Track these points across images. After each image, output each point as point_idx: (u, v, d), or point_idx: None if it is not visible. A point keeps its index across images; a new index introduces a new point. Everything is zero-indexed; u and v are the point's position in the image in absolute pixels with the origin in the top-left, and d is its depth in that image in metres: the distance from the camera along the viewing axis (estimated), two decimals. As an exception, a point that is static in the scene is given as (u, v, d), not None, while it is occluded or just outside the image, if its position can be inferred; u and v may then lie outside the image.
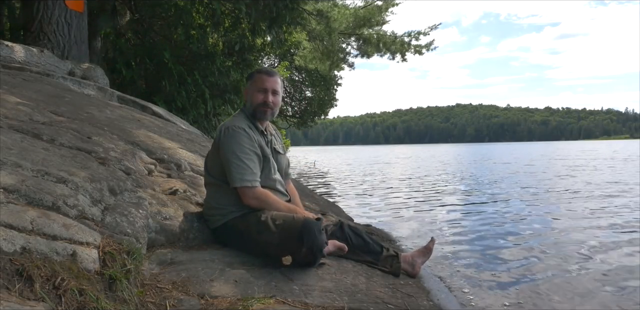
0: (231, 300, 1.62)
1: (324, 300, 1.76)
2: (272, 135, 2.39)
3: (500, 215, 5.48)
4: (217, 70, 9.44)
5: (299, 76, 23.19)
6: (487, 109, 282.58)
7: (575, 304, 2.48)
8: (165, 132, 3.99)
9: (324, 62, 17.66)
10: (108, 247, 1.54)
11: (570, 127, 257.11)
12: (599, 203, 6.27)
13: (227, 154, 2.12)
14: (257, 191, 2.12)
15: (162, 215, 2.11)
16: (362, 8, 16.49)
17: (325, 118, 25.89)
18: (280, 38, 10.42)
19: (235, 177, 2.09)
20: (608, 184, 8.69)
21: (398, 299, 1.96)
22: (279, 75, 2.34)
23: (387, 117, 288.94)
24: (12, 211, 1.40)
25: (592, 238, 4.09)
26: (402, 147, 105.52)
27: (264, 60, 18.64)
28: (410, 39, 16.45)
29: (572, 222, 4.92)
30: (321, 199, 5.29)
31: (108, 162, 2.32)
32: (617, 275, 3.00)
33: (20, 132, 2.24)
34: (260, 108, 2.24)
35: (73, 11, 6.11)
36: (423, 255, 2.55)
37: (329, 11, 14.14)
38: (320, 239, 1.99)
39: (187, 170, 2.99)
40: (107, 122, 3.30)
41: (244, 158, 2.10)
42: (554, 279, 2.91)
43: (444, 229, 4.64)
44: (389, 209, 6.22)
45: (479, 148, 59.82)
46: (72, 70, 5.70)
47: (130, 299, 1.42)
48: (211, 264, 1.93)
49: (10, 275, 1.16)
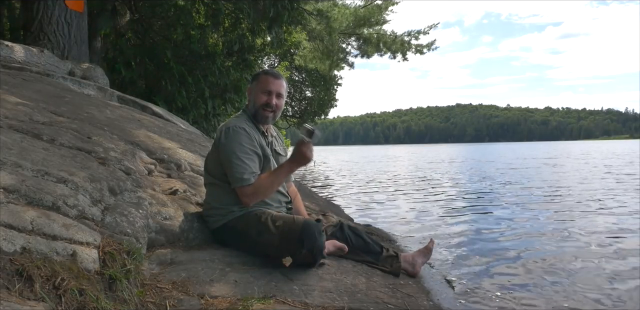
0: (231, 300, 1.62)
1: (324, 300, 1.76)
2: (273, 136, 2.39)
3: (501, 215, 5.48)
4: (217, 70, 9.44)
5: (299, 76, 23.17)
6: (487, 109, 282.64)
7: (577, 305, 2.48)
8: (165, 132, 3.99)
9: (324, 62, 17.64)
10: (108, 247, 1.54)
11: (570, 127, 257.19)
12: (601, 203, 6.27)
13: (228, 154, 2.11)
14: (251, 187, 2.09)
15: (162, 215, 2.11)
16: (362, 7, 16.48)
17: (325, 118, 25.86)
18: (280, 38, 10.42)
19: (236, 177, 2.09)
20: (609, 183, 8.70)
21: (398, 299, 1.96)
22: (284, 78, 2.33)
23: (387, 117, 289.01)
24: (12, 211, 1.40)
25: (597, 238, 4.08)
26: (402, 147, 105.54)
27: (264, 60, 18.63)
28: (410, 38, 16.44)
29: (575, 222, 4.92)
30: (321, 198, 5.29)
31: (108, 162, 2.32)
32: (622, 274, 3.00)
33: (20, 132, 2.24)
34: (262, 110, 2.23)
35: (73, 11, 6.11)
36: (423, 255, 2.56)
37: (329, 11, 14.14)
38: (321, 240, 1.98)
39: (187, 170, 2.99)
40: (107, 122, 3.30)
41: (245, 158, 2.10)
42: (556, 280, 2.91)
43: (444, 229, 4.64)
44: (389, 209, 6.22)
45: (480, 148, 59.82)
46: (72, 70, 5.70)
47: (130, 299, 1.42)
48: (211, 264, 1.93)
49: (10, 275, 1.16)
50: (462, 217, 5.40)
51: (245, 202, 2.12)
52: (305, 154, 2.04)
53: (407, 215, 5.61)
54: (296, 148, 2.06)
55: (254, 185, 2.08)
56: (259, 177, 2.12)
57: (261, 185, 2.10)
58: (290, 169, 2.13)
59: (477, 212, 5.75)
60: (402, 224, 4.96)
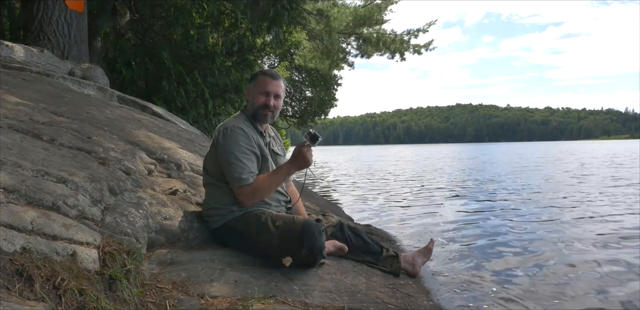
0: (231, 300, 1.62)
1: (324, 300, 1.76)
2: (271, 137, 2.39)
3: (502, 215, 5.47)
4: (217, 70, 9.45)
5: (299, 76, 23.19)
6: (487, 109, 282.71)
7: (579, 306, 2.48)
8: (165, 132, 3.99)
9: (324, 62, 17.65)
10: (108, 247, 1.54)
11: (570, 127, 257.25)
12: (601, 203, 6.27)
13: (226, 154, 2.11)
14: (249, 187, 2.09)
15: (162, 215, 2.11)
16: (361, 7, 16.47)
17: (325, 118, 25.87)
18: (280, 38, 10.42)
19: (234, 176, 2.09)
20: (611, 181, 8.70)
21: (398, 299, 1.96)
22: (282, 78, 2.34)
23: (387, 117, 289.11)
24: (12, 211, 1.40)
25: (598, 238, 4.08)
26: (402, 147, 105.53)
27: (264, 60, 18.63)
28: (409, 37, 16.44)
29: (577, 221, 4.92)
30: (321, 198, 5.29)
31: (108, 162, 2.33)
32: (625, 273, 3.00)
33: (20, 132, 2.24)
34: (261, 110, 2.24)
35: (73, 11, 6.12)
36: (423, 255, 2.56)
37: (328, 11, 14.13)
38: (321, 240, 1.99)
39: (187, 170, 2.99)
40: (107, 122, 3.30)
41: (242, 157, 2.10)
42: (557, 280, 2.91)
43: (444, 229, 4.64)
44: (389, 209, 6.22)
45: (480, 148, 59.83)
46: (72, 70, 5.70)
47: (130, 299, 1.42)
48: (211, 264, 1.93)
49: (10, 275, 1.16)
50: (463, 217, 5.40)
51: (242, 201, 2.13)
52: (305, 156, 2.06)
53: (407, 215, 5.61)
54: (297, 151, 2.07)
55: (252, 185, 2.09)
56: (258, 178, 2.12)
57: (259, 185, 2.11)
58: (290, 172, 2.14)
59: (477, 212, 5.75)
60: (402, 224, 4.96)
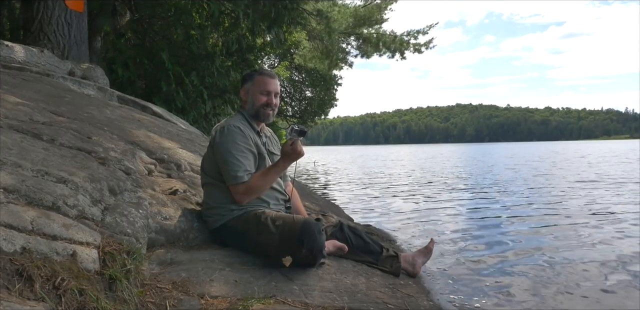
0: (231, 300, 1.62)
1: (324, 300, 1.76)
2: (267, 137, 2.40)
3: (503, 214, 5.48)
4: (217, 70, 9.44)
5: (299, 76, 23.17)
6: (487, 109, 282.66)
7: (580, 305, 2.48)
8: (165, 132, 3.99)
9: (324, 62, 17.66)
10: (108, 247, 1.54)
11: (570, 127, 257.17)
12: (601, 201, 6.27)
13: (223, 153, 2.12)
14: (244, 185, 2.10)
15: (162, 215, 2.11)
16: (362, 7, 16.47)
17: (325, 118, 25.87)
18: (280, 38, 10.42)
19: (230, 175, 2.10)
20: (611, 179, 8.70)
21: (398, 299, 1.96)
22: (277, 75, 2.36)
23: (387, 117, 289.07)
24: (12, 211, 1.40)
25: (599, 236, 4.08)
26: (402, 147, 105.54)
27: (264, 60, 18.63)
28: (409, 38, 16.45)
29: (576, 220, 4.92)
30: (321, 198, 5.29)
31: (108, 162, 2.32)
32: (624, 271, 3.00)
33: (20, 132, 2.24)
34: (263, 109, 2.26)
35: (73, 11, 6.11)
36: (423, 255, 2.56)
37: (328, 11, 14.12)
38: (320, 240, 1.99)
39: (187, 170, 2.99)
40: (107, 122, 3.30)
41: (239, 156, 2.11)
42: (558, 280, 2.91)
43: (445, 229, 4.64)
44: (389, 209, 6.22)
45: (480, 148, 59.81)
46: (72, 70, 5.70)
47: (130, 299, 1.42)
48: (211, 264, 1.93)
49: (10, 275, 1.16)
50: (463, 217, 5.40)
51: (238, 199, 2.13)
52: (296, 150, 2.09)
53: (407, 215, 5.61)
54: (287, 145, 2.10)
55: (247, 183, 2.10)
56: (253, 176, 2.13)
57: (254, 183, 2.12)
58: (284, 166, 2.16)
59: (478, 212, 5.75)
60: (402, 224, 4.96)
